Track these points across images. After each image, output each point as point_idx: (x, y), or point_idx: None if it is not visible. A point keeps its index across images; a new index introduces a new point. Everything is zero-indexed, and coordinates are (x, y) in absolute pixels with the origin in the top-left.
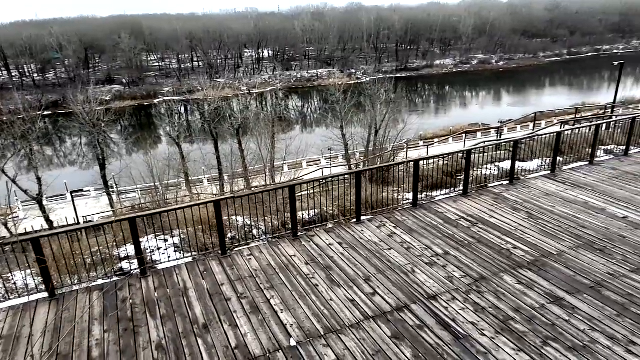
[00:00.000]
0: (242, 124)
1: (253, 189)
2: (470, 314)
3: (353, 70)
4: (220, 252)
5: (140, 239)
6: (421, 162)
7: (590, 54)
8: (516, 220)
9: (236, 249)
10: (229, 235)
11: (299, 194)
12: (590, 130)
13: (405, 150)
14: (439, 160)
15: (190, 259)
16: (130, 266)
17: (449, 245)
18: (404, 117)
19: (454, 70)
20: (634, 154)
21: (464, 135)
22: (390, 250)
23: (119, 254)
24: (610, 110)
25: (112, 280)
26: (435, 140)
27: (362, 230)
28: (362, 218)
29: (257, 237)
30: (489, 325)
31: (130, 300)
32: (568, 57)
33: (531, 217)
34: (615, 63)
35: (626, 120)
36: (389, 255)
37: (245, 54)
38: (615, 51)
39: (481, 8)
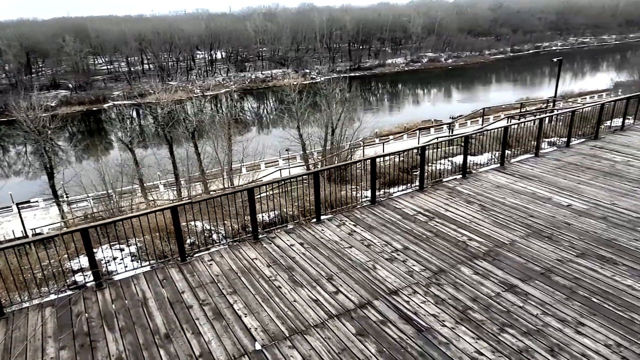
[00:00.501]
0: (197, 127)
1: (211, 192)
2: (431, 306)
3: (307, 70)
4: (179, 259)
5: (95, 250)
6: (378, 160)
7: (531, 51)
8: (470, 213)
9: (196, 254)
10: (188, 241)
11: (258, 196)
12: (534, 123)
13: (362, 148)
14: (395, 157)
15: (148, 268)
16: (85, 279)
17: (408, 240)
18: (360, 115)
19: (406, 68)
20: (574, 145)
21: (418, 131)
22: (351, 248)
23: (71, 267)
24: (552, 104)
25: (65, 294)
26: (391, 137)
27: (323, 230)
28: (322, 217)
29: (217, 241)
30: (449, 316)
31: (86, 314)
32: (511, 54)
33: (484, 209)
34: (555, 59)
35: (567, 113)
36: (350, 253)
37: (198, 56)
38: (554, 48)
39: (429, 8)
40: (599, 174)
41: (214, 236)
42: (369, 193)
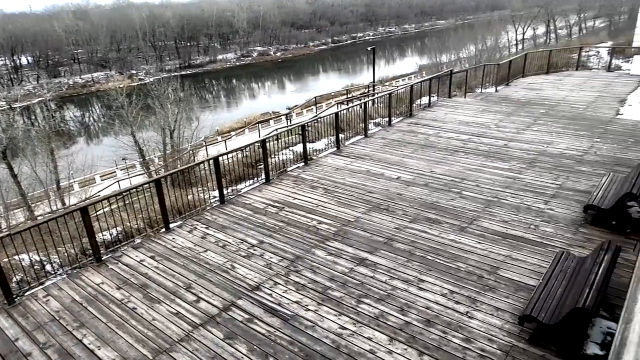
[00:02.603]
0: (9, 145)
1: (38, 218)
2: (293, 294)
3: (134, 71)
4: (6, 302)
5: None
6: (221, 158)
7: (349, 42)
8: (316, 198)
9: (27, 293)
10: (15, 279)
11: (95, 214)
12: (360, 107)
13: (204, 147)
14: (238, 153)
15: None
16: None
17: (262, 233)
18: (197, 114)
19: (237, 63)
20: (395, 124)
21: (258, 125)
22: (206, 252)
23: None
24: (372, 89)
25: None
26: (233, 133)
27: (174, 238)
28: (171, 225)
29: (53, 272)
30: (311, 300)
31: None
32: (332, 44)
33: (328, 192)
34: (369, 48)
35: (385, 95)
36: (206, 258)
37: None
38: (367, 37)
39: (251, 2)
40: (417, 146)
41: (48, 267)
42: (217, 193)
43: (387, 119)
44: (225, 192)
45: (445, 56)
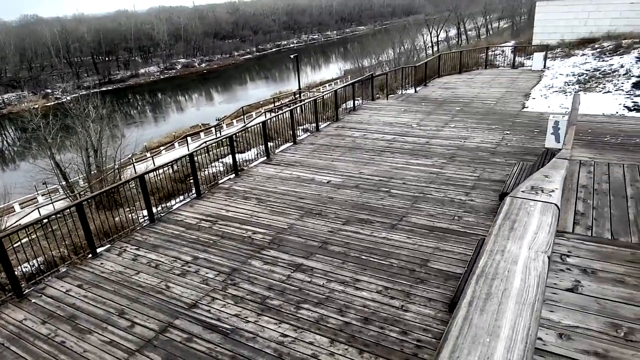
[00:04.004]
0: None
1: None
2: (232, 307)
3: (49, 90)
4: None
5: None
6: (148, 175)
7: (273, 50)
8: (249, 208)
9: None
10: None
11: (12, 246)
12: (287, 115)
13: (132, 165)
14: (167, 169)
15: None
16: None
17: (196, 249)
18: (123, 131)
19: (161, 76)
20: (323, 129)
21: (187, 138)
22: (138, 274)
23: None
24: (299, 95)
25: None
26: (162, 148)
27: (102, 263)
28: (99, 250)
29: None
30: (250, 311)
31: None
32: (257, 53)
33: (261, 202)
34: (292, 56)
35: (310, 102)
36: (138, 280)
37: None
38: (291, 45)
39: (171, 14)
40: (345, 149)
41: None
42: (146, 212)
43: (314, 125)
44: (155, 210)
45: (367, 60)
